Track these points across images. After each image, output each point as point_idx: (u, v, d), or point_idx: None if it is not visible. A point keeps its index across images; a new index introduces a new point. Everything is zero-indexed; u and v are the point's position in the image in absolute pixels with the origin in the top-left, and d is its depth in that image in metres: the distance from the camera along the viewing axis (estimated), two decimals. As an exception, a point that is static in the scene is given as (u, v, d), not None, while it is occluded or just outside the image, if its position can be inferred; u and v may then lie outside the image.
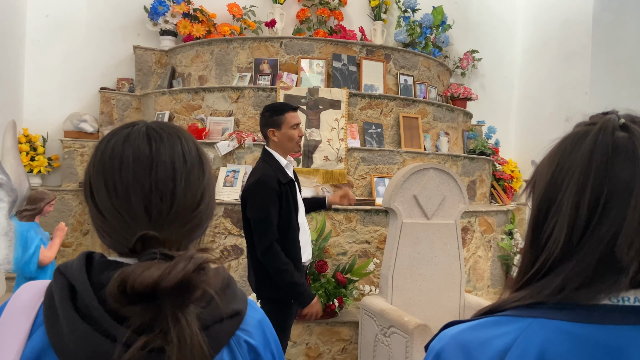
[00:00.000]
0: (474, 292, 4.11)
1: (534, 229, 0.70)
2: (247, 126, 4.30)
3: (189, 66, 4.95)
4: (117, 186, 0.73)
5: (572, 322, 0.63)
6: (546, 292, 0.65)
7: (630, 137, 0.64)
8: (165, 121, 0.86)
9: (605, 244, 0.62)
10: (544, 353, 0.61)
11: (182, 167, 0.76)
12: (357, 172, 4.03)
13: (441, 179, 3.21)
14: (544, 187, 0.69)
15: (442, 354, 0.68)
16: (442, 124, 4.75)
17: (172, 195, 0.74)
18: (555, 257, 0.65)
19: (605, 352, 0.61)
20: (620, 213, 0.62)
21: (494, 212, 4.31)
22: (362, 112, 4.29)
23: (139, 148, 0.75)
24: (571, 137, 0.69)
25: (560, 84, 5.53)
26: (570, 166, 0.66)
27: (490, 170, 5.09)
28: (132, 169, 0.73)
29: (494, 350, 0.64)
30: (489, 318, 0.68)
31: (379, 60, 4.62)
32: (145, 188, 0.73)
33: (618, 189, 0.63)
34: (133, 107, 5.10)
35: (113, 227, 0.74)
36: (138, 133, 0.77)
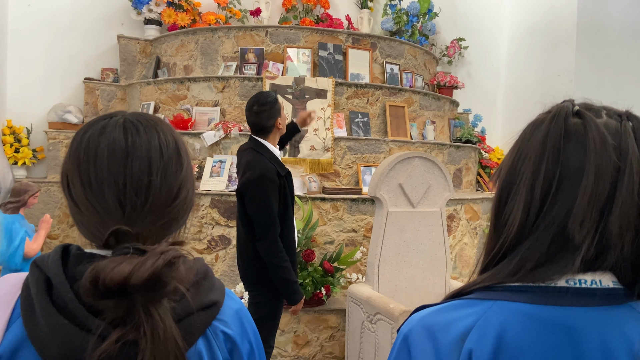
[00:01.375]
0: (460, 278, 4.16)
1: (496, 213, 0.73)
2: (233, 116, 4.28)
3: (174, 56, 4.91)
4: (91, 179, 0.73)
5: (530, 303, 0.65)
6: (504, 273, 0.67)
7: (583, 123, 0.66)
8: (145, 112, 0.84)
9: (558, 224, 0.65)
10: (502, 334, 0.64)
11: (158, 160, 0.76)
12: (343, 162, 4.04)
13: (426, 167, 3.24)
14: (505, 172, 0.72)
15: (409, 336, 0.70)
16: (428, 113, 4.76)
17: (147, 190, 0.74)
18: (512, 239, 0.68)
19: (561, 333, 0.64)
20: (572, 194, 0.65)
21: (479, 200, 4.35)
22: (348, 101, 4.29)
23: (114, 141, 0.74)
24: (530, 125, 0.72)
25: (546, 72, 5.56)
26: (527, 152, 0.69)
27: (477, 158, 5.13)
28: (107, 163, 0.73)
29: (456, 332, 0.66)
30: (454, 301, 0.71)
31: (365, 49, 4.61)
32: (119, 182, 0.73)
33: (569, 171, 0.65)
34: (118, 97, 5.05)
35: (88, 220, 0.74)
36: (115, 125, 0.76)
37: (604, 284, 0.66)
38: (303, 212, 3.54)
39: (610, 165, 0.64)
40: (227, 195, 3.78)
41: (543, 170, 0.66)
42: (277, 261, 2.43)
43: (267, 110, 2.51)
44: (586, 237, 0.64)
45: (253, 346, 0.84)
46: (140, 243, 0.72)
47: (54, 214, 4.56)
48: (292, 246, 2.56)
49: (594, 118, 0.66)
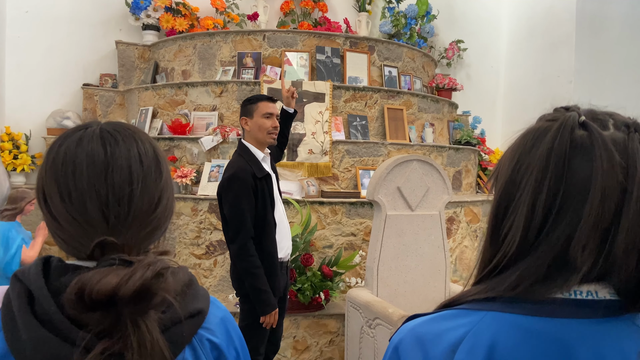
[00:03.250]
0: (461, 282, 4.14)
1: (493, 225, 0.70)
2: (231, 120, 4.27)
3: (172, 61, 4.90)
4: (71, 193, 0.72)
5: (523, 315, 0.63)
6: (501, 288, 0.65)
7: (589, 137, 0.63)
8: (119, 121, 0.82)
9: (559, 246, 0.63)
10: (494, 346, 0.62)
11: (138, 169, 0.75)
12: (342, 165, 4.03)
13: (425, 170, 3.22)
14: (504, 183, 0.69)
15: (399, 346, 0.69)
16: (427, 115, 4.74)
17: (129, 200, 0.73)
18: (511, 255, 0.66)
19: (553, 346, 0.62)
20: (575, 215, 0.62)
21: (479, 202, 4.33)
22: (346, 104, 4.27)
23: (92, 152, 0.73)
24: (532, 133, 0.68)
25: (546, 73, 5.54)
26: (529, 165, 0.66)
27: (476, 160, 5.11)
28: (87, 175, 0.72)
29: (447, 343, 0.65)
30: (446, 311, 0.69)
31: (362, 52, 4.60)
32: (101, 193, 0.72)
33: (574, 190, 0.63)
34: (116, 103, 5.05)
35: (70, 234, 0.73)
36: (91, 136, 0.75)
37: (600, 296, 0.64)
38: (301, 216, 3.52)
39: (617, 186, 0.61)
40: (226, 200, 3.77)
41: (546, 187, 0.63)
42: (246, 265, 2.36)
43: (241, 109, 2.62)
44: (587, 260, 0.62)
45: (239, 353, 0.83)
46: (126, 254, 0.71)
47: (53, 220, 4.55)
48: (272, 252, 2.46)
49: (600, 132, 0.63)
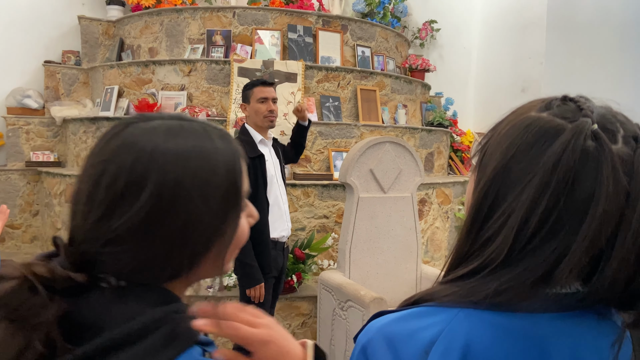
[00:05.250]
0: (432, 262, 4.18)
1: (474, 220, 0.64)
2: (200, 101, 4.16)
3: (138, 38, 4.73)
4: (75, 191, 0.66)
5: (497, 312, 0.60)
6: (480, 296, 0.61)
7: (598, 150, 0.58)
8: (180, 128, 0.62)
9: (547, 265, 0.59)
10: (468, 345, 0.59)
11: (98, 176, 0.63)
12: (314, 147, 3.97)
13: (397, 152, 3.20)
14: (493, 178, 0.63)
15: (368, 347, 0.65)
16: (400, 96, 4.72)
17: (85, 203, 0.64)
18: (494, 263, 0.61)
19: (529, 342, 0.60)
20: (570, 235, 0.58)
21: (451, 184, 4.36)
22: (319, 85, 4.21)
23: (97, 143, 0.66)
24: (537, 129, 0.61)
25: (517, 55, 5.57)
26: (530, 168, 0.60)
27: (448, 142, 5.13)
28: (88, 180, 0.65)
29: (419, 344, 0.61)
30: (416, 308, 0.65)
31: (335, 31, 4.52)
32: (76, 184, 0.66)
33: (573, 207, 0.58)
34: (80, 81, 4.85)
35: None
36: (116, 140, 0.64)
37: (572, 289, 0.62)
38: (273, 199, 3.47)
39: (617, 210, 0.58)
40: (195, 183, 3.69)
41: (546, 200, 0.58)
42: None
43: (242, 94, 2.77)
44: (571, 282, 0.60)
45: None
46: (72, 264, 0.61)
47: (15, 203, 4.39)
48: (262, 230, 2.56)
49: (611, 147, 0.58)
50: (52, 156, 4.59)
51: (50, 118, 4.59)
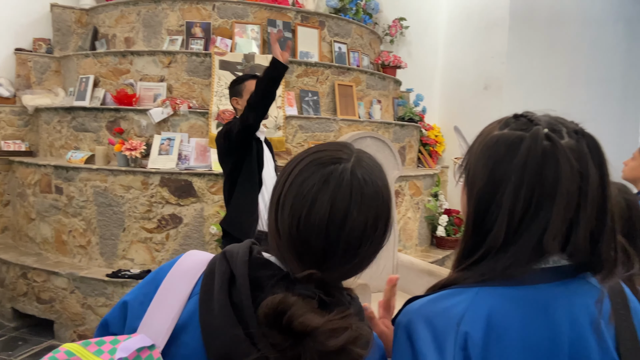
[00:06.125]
0: (404, 250, 4.40)
1: (474, 220, 0.84)
2: (180, 92, 4.19)
3: (113, 27, 4.68)
4: (300, 225, 0.78)
5: (509, 286, 0.79)
6: (495, 272, 0.80)
7: (553, 147, 0.78)
8: (370, 159, 0.84)
9: (536, 238, 0.78)
10: (490, 316, 0.77)
11: (372, 227, 0.80)
12: (295, 140, 4.10)
13: (378, 146, 3.37)
14: (482, 187, 0.83)
15: (409, 326, 0.80)
16: (374, 92, 4.89)
17: (355, 253, 0.79)
18: (497, 247, 0.80)
19: (536, 307, 0.78)
20: (546, 214, 0.77)
21: (422, 176, 4.58)
22: (298, 79, 4.32)
23: (337, 198, 0.78)
24: (504, 143, 0.82)
25: (481, 54, 5.83)
26: (506, 173, 0.80)
27: (418, 136, 5.36)
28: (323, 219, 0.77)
29: (452, 318, 0.78)
30: (444, 292, 0.83)
31: (313, 27, 4.63)
32: (331, 238, 0.77)
33: (545, 193, 0.78)
34: (52, 69, 4.76)
35: (286, 251, 0.79)
36: (341, 177, 0.78)
37: (562, 263, 0.81)
38: (257, 191, 3.57)
39: (576, 189, 0.78)
40: (178, 174, 3.74)
41: (524, 191, 0.78)
42: (255, 102, 2.56)
43: (230, 90, 2.86)
44: (556, 247, 0.79)
45: None
46: (322, 290, 0.75)
47: (-16, 194, 4.29)
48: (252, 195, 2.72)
49: (561, 143, 0.78)
50: (23, 145, 4.50)
51: (21, 107, 4.50)
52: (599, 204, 0.79)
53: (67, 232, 3.91)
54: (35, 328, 3.77)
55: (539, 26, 5.63)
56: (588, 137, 0.81)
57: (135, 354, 0.70)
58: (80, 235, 3.86)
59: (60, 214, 3.93)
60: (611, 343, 0.81)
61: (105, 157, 3.99)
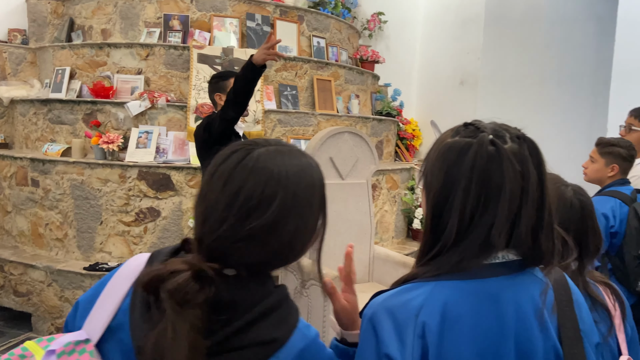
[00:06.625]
0: (381, 243, 4.49)
1: (432, 219, 0.93)
2: (158, 85, 4.19)
3: (89, 18, 4.63)
4: (202, 191, 0.84)
5: (462, 280, 0.88)
6: (447, 266, 0.89)
7: (497, 151, 0.87)
8: (288, 151, 0.86)
9: (484, 234, 0.87)
10: (445, 307, 0.86)
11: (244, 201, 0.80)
12: (274, 134, 4.14)
13: (355, 142, 3.44)
14: (438, 189, 0.91)
15: (373, 318, 0.89)
16: (353, 87, 4.95)
17: (222, 221, 0.80)
18: (450, 244, 0.89)
19: (486, 298, 0.87)
20: (493, 211, 0.86)
21: (398, 170, 4.67)
22: (277, 73, 4.35)
23: (226, 168, 0.83)
24: (455, 149, 0.90)
25: (457, 49, 5.93)
26: (457, 175, 0.88)
27: (395, 130, 5.44)
28: (211, 187, 0.83)
29: (411, 309, 0.86)
30: (405, 286, 0.92)
31: (292, 21, 4.66)
32: (209, 203, 0.82)
33: (491, 193, 0.87)
34: (27, 61, 4.69)
35: None
36: (241, 154, 0.83)
37: (510, 258, 0.91)
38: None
39: (519, 188, 0.87)
40: (156, 167, 3.75)
41: (472, 192, 0.87)
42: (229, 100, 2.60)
43: (211, 85, 2.89)
44: (502, 241, 0.88)
45: None
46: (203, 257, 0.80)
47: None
48: None
49: (504, 147, 0.87)
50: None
51: (-5, 98, 4.43)
52: (538, 201, 0.88)
53: (44, 225, 3.90)
54: (13, 321, 3.76)
55: (513, 23, 5.75)
56: (529, 141, 0.90)
57: (71, 347, 0.77)
58: (57, 229, 3.85)
59: (36, 207, 3.91)
60: (554, 331, 0.90)
61: (82, 150, 3.97)
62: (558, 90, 5.86)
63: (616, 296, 1.35)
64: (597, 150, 2.51)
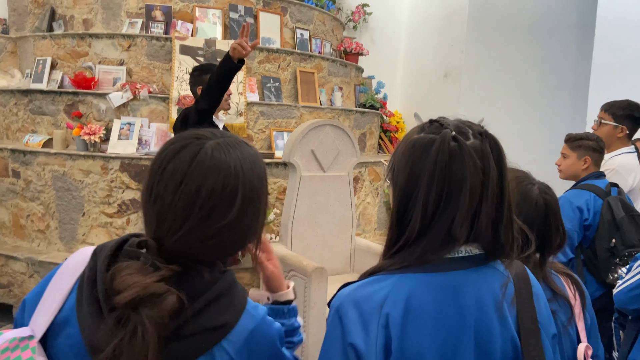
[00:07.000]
0: (363, 234, 4.54)
1: (397, 213, 0.96)
2: (140, 76, 4.17)
3: (71, 8, 4.58)
4: (152, 191, 0.83)
5: (426, 273, 0.92)
6: (412, 259, 0.93)
7: (459, 147, 0.90)
8: (236, 144, 0.88)
9: (446, 227, 0.91)
10: (409, 298, 0.90)
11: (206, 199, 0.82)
12: (256, 126, 4.15)
13: (336, 134, 3.47)
14: (403, 184, 0.95)
15: (340, 308, 0.93)
16: (336, 79, 4.97)
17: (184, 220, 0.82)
18: (415, 236, 0.93)
19: (447, 291, 0.92)
20: (455, 205, 0.90)
21: (381, 162, 4.71)
22: (260, 65, 4.35)
23: (179, 166, 0.82)
24: (419, 145, 0.93)
25: (441, 42, 5.95)
26: (421, 171, 0.92)
27: (379, 123, 5.47)
28: (165, 185, 0.82)
29: (376, 301, 0.91)
30: (370, 278, 0.96)
31: (276, 12, 4.65)
32: (165, 204, 0.82)
33: (453, 187, 0.90)
34: (8, 50, 4.64)
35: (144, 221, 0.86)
36: (190, 150, 0.83)
37: (473, 252, 0.95)
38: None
39: (480, 183, 0.90)
40: (138, 159, 3.74)
41: (434, 187, 0.90)
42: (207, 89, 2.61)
43: (193, 77, 2.89)
44: (463, 234, 0.92)
45: None
46: (163, 258, 0.82)
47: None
48: None
49: (466, 143, 0.90)
50: (-23, 128, 4.40)
51: (-25, 88, 4.38)
52: (498, 195, 0.92)
53: (25, 216, 3.88)
54: (-6, 312, 3.76)
55: (497, 17, 5.79)
56: (490, 138, 0.94)
57: (16, 343, 0.79)
58: (39, 220, 3.84)
59: (17, 198, 3.89)
60: (512, 323, 0.95)
61: (63, 141, 3.95)
62: (540, 83, 5.93)
63: (576, 286, 1.41)
64: (568, 146, 2.56)
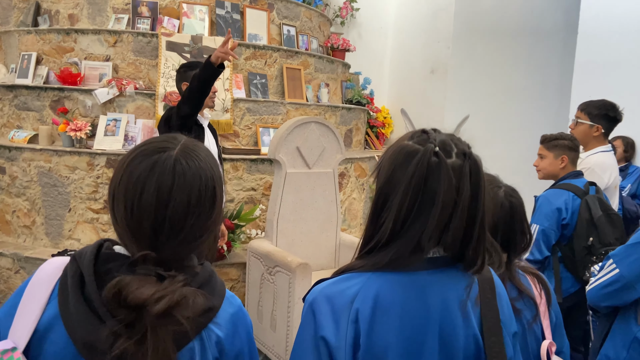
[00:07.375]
0: (349, 230, 4.59)
1: (373, 214, 1.01)
2: (126, 72, 4.17)
3: (56, 2, 4.55)
4: (134, 209, 0.86)
5: (395, 272, 0.98)
6: (382, 263, 0.98)
7: (439, 163, 0.95)
8: (196, 147, 0.93)
9: (416, 237, 0.96)
10: (378, 296, 0.96)
11: (195, 206, 0.88)
12: (242, 123, 4.17)
13: (321, 131, 3.51)
14: (382, 186, 1.00)
15: (313, 303, 0.99)
16: (322, 75, 4.99)
17: (181, 229, 0.87)
18: (384, 241, 0.98)
19: (415, 289, 0.98)
20: (426, 217, 0.95)
21: (367, 158, 4.76)
22: (246, 62, 4.37)
23: (162, 183, 0.86)
24: (404, 152, 0.98)
25: (429, 38, 6.00)
26: (400, 178, 0.97)
27: (365, 119, 5.51)
28: (152, 202, 0.85)
29: (347, 297, 0.97)
30: (343, 275, 1.02)
31: (262, 9, 4.66)
32: (158, 219, 0.85)
33: (426, 200, 0.95)
34: (-8, 45, 4.61)
35: (124, 235, 0.88)
36: (165, 165, 0.87)
37: (441, 254, 1.01)
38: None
39: (452, 201, 0.95)
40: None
41: (409, 196, 0.95)
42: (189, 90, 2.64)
43: (179, 74, 2.94)
44: (431, 246, 0.97)
45: (244, 348, 0.96)
46: (162, 267, 0.86)
47: None
48: None
49: (446, 161, 0.94)
50: (-38, 124, 4.37)
51: (-41, 83, 4.35)
52: (470, 215, 0.97)
53: (11, 212, 3.88)
54: (-20, 308, 3.77)
55: (483, 13, 5.84)
56: (472, 160, 0.98)
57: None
58: (25, 216, 3.84)
59: (3, 194, 3.89)
60: (475, 321, 1.01)
61: (49, 137, 3.95)
62: (526, 80, 6.00)
63: (542, 285, 1.47)
64: (544, 146, 2.62)
